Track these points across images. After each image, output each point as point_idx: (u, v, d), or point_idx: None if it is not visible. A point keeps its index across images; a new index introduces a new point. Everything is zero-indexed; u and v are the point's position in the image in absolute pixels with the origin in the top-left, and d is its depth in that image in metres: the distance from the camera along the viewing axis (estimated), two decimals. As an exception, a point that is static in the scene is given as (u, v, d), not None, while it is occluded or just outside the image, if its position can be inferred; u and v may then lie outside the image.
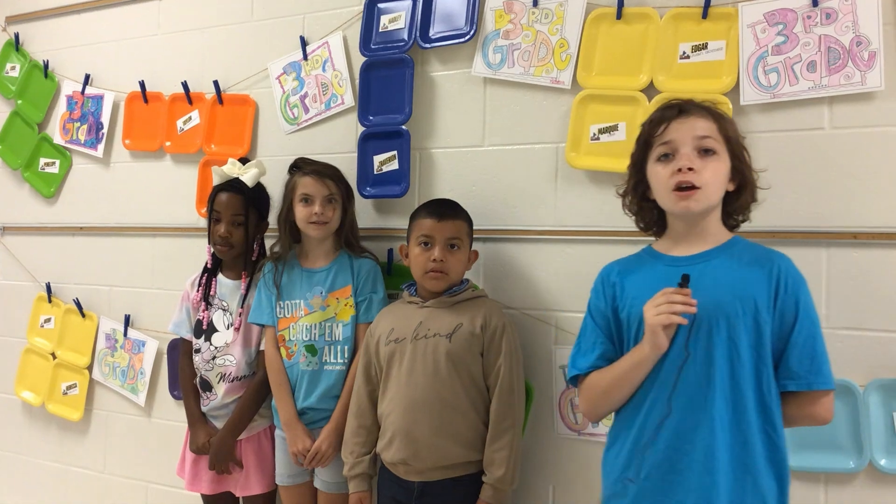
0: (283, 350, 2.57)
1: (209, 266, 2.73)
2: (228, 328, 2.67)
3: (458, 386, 2.23)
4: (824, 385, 1.68)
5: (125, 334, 3.27)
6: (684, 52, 2.26)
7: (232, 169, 2.67)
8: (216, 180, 2.68)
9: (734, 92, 2.20)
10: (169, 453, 3.04)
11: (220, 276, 2.73)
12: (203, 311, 2.70)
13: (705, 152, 1.74)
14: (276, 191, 2.67)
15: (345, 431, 2.42)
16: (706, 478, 1.67)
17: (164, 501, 3.21)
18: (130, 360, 3.26)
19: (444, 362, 2.23)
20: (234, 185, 2.66)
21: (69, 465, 3.47)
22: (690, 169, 1.72)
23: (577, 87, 2.40)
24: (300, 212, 2.52)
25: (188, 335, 2.76)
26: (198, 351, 2.70)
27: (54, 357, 3.44)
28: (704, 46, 2.23)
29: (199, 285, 2.74)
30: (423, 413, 2.23)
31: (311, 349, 2.52)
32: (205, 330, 2.69)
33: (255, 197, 2.69)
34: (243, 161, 2.71)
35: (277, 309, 2.58)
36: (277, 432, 2.62)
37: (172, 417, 3.16)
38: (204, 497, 2.76)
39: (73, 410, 3.39)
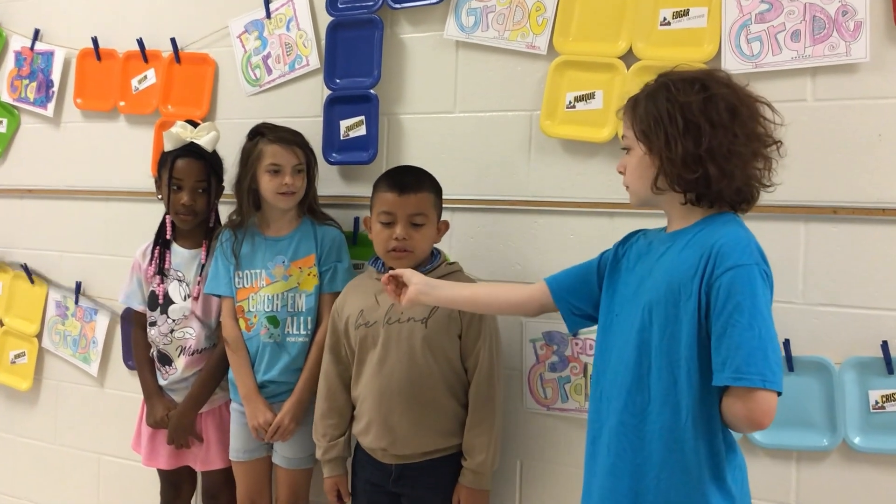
0: (241, 322, 2.49)
1: (168, 236, 2.62)
2: (186, 299, 2.58)
3: (436, 373, 2.17)
4: (744, 381, 1.46)
5: (76, 302, 3.16)
6: (665, 19, 2.18)
7: (185, 132, 2.54)
8: (169, 145, 2.54)
9: (715, 60, 2.13)
10: (122, 425, 2.95)
11: (175, 246, 2.63)
12: (158, 285, 2.60)
13: None
14: (236, 155, 2.54)
15: (315, 414, 2.34)
16: (606, 479, 1.67)
17: (117, 474, 3.12)
18: (82, 329, 3.15)
19: (419, 349, 2.15)
20: (192, 150, 2.54)
21: (18, 435, 3.36)
22: None
23: (554, 53, 2.32)
24: (268, 182, 2.42)
25: (141, 307, 2.66)
26: (153, 324, 2.60)
27: (1, 324, 3.32)
28: (686, 13, 2.16)
29: (153, 257, 2.63)
30: (399, 403, 2.16)
31: (273, 320, 2.44)
32: (161, 303, 2.59)
33: (214, 162, 2.59)
34: (193, 124, 2.59)
35: (236, 279, 2.49)
36: (234, 406, 2.54)
37: (126, 388, 3.05)
38: (161, 472, 2.68)
39: (22, 380, 3.28)
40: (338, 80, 2.64)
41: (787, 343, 2.06)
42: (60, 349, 3.21)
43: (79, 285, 3.15)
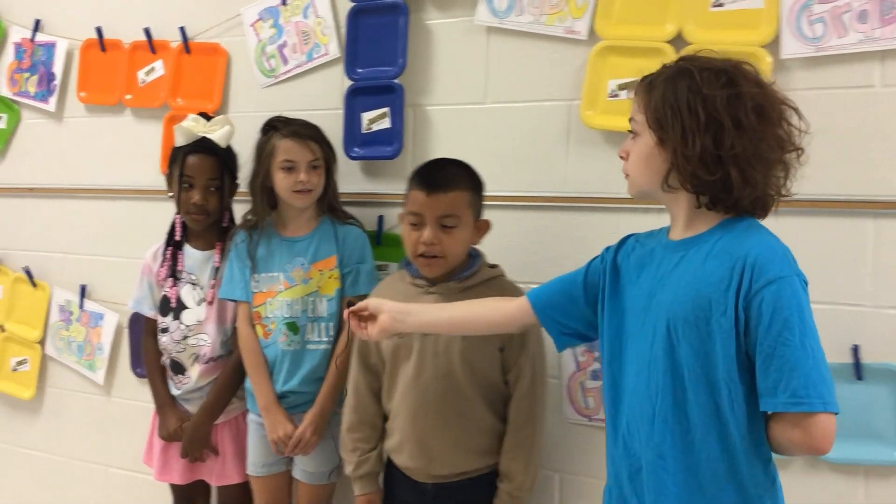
0: (258, 328, 2.34)
1: (178, 237, 2.47)
2: (200, 304, 2.43)
3: (475, 389, 2.01)
4: (804, 406, 1.33)
5: (81, 306, 3.01)
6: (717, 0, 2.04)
7: (197, 127, 2.40)
8: (180, 140, 2.40)
9: (773, 44, 1.99)
10: (131, 435, 2.82)
11: (187, 247, 2.48)
12: (170, 287, 2.45)
13: None
14: (250, 151, 2.39)
15: (342, 426, 2.18)
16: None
17: (126, 487, 2.98)
18: (87, 335, 3.00)
19: (458, 364, 1.99)
20: (204, 145, 2.39)
21: (20, 446, 3.22)
22: None
23: (595, 38, 2.17)
24: (282, 180, 2.28)
25: (151, 312, 2.51)
26: (165, 330, 2.45)
27: (2, 330, 3.17)
28: (741, -7, 2.02)
29: (164, 258, 2.48)
30: (435, 422, 2.01)
31: (293, 327, 2.29)
32: (173, 308, 2.44)
33: (227, 158, 2.45)
34: (206, 117, 2.45)
35: (252, 283, 2.35)
36: (251, 417, 2.40)
37: (134, 397, 2.91)
38: (174, 487, 2.54)
39: (24, 388, 3.14)
40: (359, 70, 2.49)
41: (855, 349, 1.92)
42: (64, 356, 3.07)
43: (83, 289, 3.01)
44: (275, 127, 2.32)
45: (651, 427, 1.49)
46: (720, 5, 2.03)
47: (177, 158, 2.41)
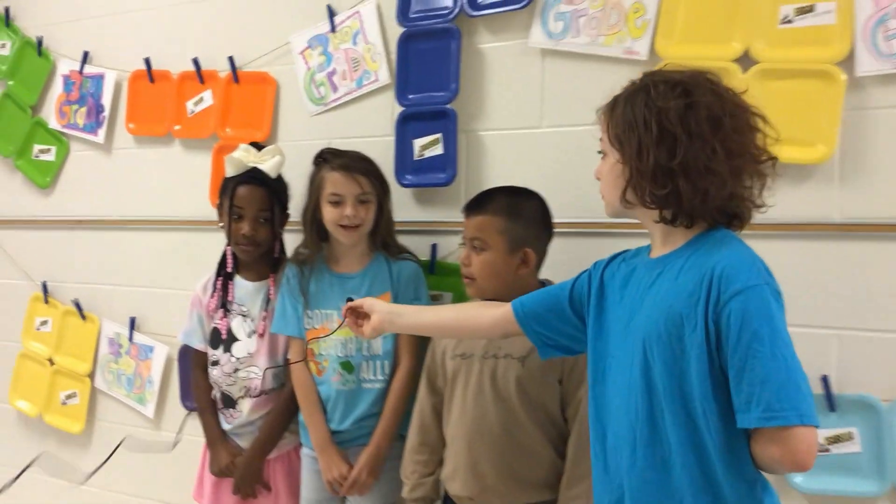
0: (312, 365, 2.28)
1: (230, 269, 2.43)
2: (250, 336, 2.38)
3: (530, 419, 1.94)
4: (778, 420, 1.26)
5: (130, 338, 2.99)
6: (786, 16, 1.96)
7: (248, 157, 2.35)
8: (230, 171, 2.36)
9: (847, 61, 1.90)
10: (181, 470, 2.76)
11: (238, 278, 2.43)
12: (221, 319, 2.40)
13: None
14: (300, 180, 2.36)
15: (405, 448, 2.14)
16: None
17: (175, 523, 2.93)
18: (137, 367, 2.97)
19: (513, 390, 1.93)
20: (254, 176, 2.35)
21: (70, 481, 3.17)
22: None
23: (656, 58, 2.09)
24: (329, 213, 2.22)
25: (202, 345, 2.47)
26: (216, 363, 2.40)
27: (52, 363, 3.16)
28: (811, 9, 1.93)
29: (214, 289, 2.43)
30: (488, 448, 1.95)
31: (348, 366, 2.24)
32: (223, 340, 2.39)
33: (278, 189, 2.40)
34: (258, 147, 2.40)
35: (305, 319, 2.29)
36: (305, 451, 2.34)
37: (184, 430, 2.87)
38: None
39: (74, 422, 3.11)
40: (410, 96, 2.44)
41: (825, 379, 1.93)
42: (114, 389, 3.04)
43: (133, 321, 2.98)
44: (325, 159, 2.27)
45: (633, 452, 1.44)
46: (789, 22, 1.95)
47: (227, 189, 2.36)
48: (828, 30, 1.92)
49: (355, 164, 2.24)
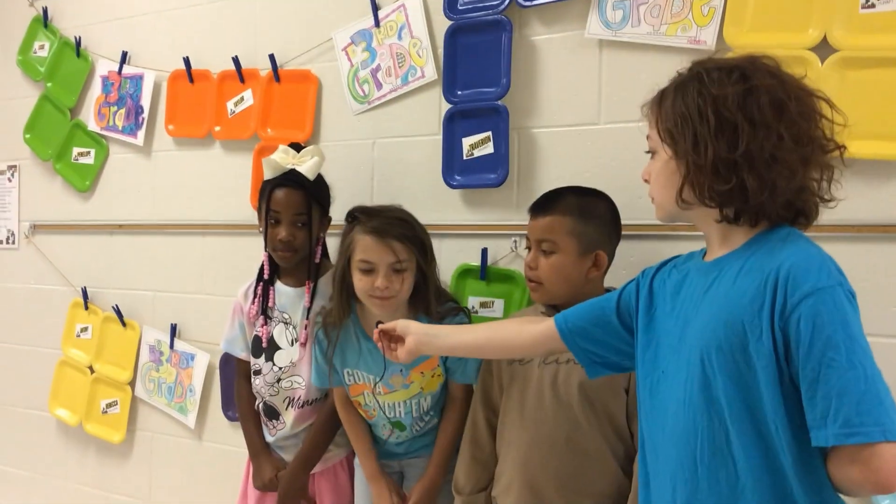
0: (360, 410, 2.18)
1: (266, 275, 2.33)
2: (293, 344, 2.28)
3: (594, 427, 1.81)
4: (859, 437, 1.14)
5: (171, 346, 2.92)
6: (868, 0, 1.81)
7: (286, 158, 2.25)
8: (268, 173, 2.25)
9: (937, 48, 1.75)
10: (223, 482, 2.70)
11: (279, 284, 2.33)
12: (262, 326, 2.31)
13: None
14: (344, 182, 2.29)
15: (458, 459, 2.04)
16: None
17: (218, 536, 2.85)
18: (178, 376, 2.90)
19: (576, 396, 1.81)
20: (291, 178, 2.23)
21: (110, 491, 3.13)
22: None
23: (725, 47, 1.95)
24: (359, 281, 2.00)
25: (244, 354, 2.38)
26: (258, 373, 2.31)
27: (92, 371, 3.10)
28: (896, -8, 1.79)
29: (255, 295, 2.34)
30: (547, 459, 1.83)
31: (399, 426, 2.15)
32: (265, 348, 2.30)
33: (316, 191, 2.28)
34: (296, 147, 2.30)
35: (346, 375, 2.15)
36: (358, 462, 2.24)
37: (226, 441, 2.79)
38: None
39: (114, 431, 3.05)
40: (459, 92, 2.33)
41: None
42: (155, 398, 2.97)
43: (174, 328, 2.91)
44: (356, 218, 2.05)
45: (694, 479, 1.32)
46: (871, 6, 1.80)
47: (264, 193, 2.26)
48: (915, 14, 1.77)
49: (391, 227, 1.99)
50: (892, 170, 1.81)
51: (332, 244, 2.30)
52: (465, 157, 2.31)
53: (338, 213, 2.33)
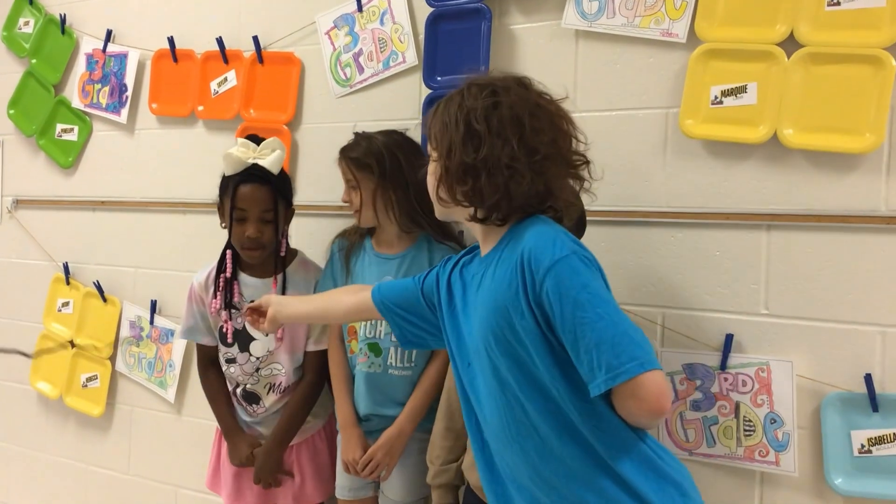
0: (353, 343, 2.24)
1: (228, 273, 2.30)
2: (267, 335, 2.27)
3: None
4: (623, 376, 1.29)
5: (151, 322, 2.95)
6: (834, -3, 1.87)
7: (247, 153, 2.21)
8: (230, 168, 2.21)
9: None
10: (201, 455, 2.70)
11: (244, 276, 2.31)
12: (225, 321, 2.29)
13: None
14: (324, 164, 2.32)
15: (432, 433, 2.10)
16: None
17: (195, 508, 2.89)
18: (158, 351, 2.93)
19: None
20: (256, 173, 2.20)
21: (89, 464, 3.17)
22: None
23: (695, 41, 2.01)
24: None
25: (206, 339, 2.38)
26: (232, 361, 2.32)
27: (73, 345, 3.12)
28: (861, -11, 1.84)
29: (217, 289, 2.31)
30: None
31: (375, 348, 2.18)
32: (238, 339, 2.30)
33: (281, 185, 2.26)
34: (255, 140, 2.25)
35: None
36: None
37: (205, 415, 2.77)
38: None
39: (94, 405, 3.08)
40: (439, 78, 2.37)
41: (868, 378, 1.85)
42: (135, 373, 3.00)
43: (154, 304, 2.94)
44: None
45: (512, 453, 1.47)
46: (836, 4, 1.85)
47: (227, 189, 2.23)
48: (878, 12, 1.81)
49: (346, 150, 2.21)
50: (852, 162, 1.87)
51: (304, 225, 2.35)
52: (443, 142, 2.35)
53: (319, 195, 2.37)
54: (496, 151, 1.43)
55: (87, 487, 3.17)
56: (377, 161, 2.15)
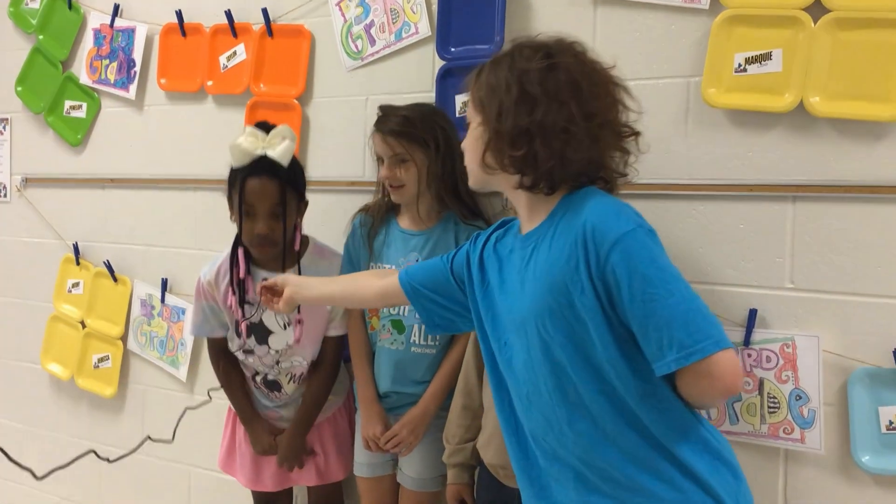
0: (374, 320, 2.21)
1: (242, 274, 2.20)
2: (286, 328, 2.22)
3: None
4: (697, 355, 1.25)
5: (163, 300, 2.92)
6: (863, -42, 1.80)
7: (255, 143, 2.09)
8: (237, 160, 2.11)
9: (929, 9, 1.74)
10: (215, 435, 2.69)
11: (256, 271, 2.23)
12: (242, 319, 2.22)
13: None
14: (336, 139, 2.26)
15: (450, 412, 2.08)
16: None
17: (209, 489, 2.88)
18: (169, 330, 2.91)
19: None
20: (264, 166, 2.08)
21: (102, 444, 3.15)
22: None
23: (718, 6, 1.95)
24: (379, 173, 2.18)
25: (218, 332, 2.31)
26: (250, 352, 2.27)
27: (84, 326, 3.10)
28: (891, -51, 1.77)
29: (233, 287, 2.21)
30: None
31: (399, 325, 2.15)
32: (257, 333, 2.25)
33: (292, 177, 2.14)
34: (264, 128, 2.14)
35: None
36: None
37: (218, 394, 2.79)
38: (260, 494, 2.40)
39: (106, 385, 3.06)
40: (452, 49, 2.31)
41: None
42: (147, 352, 2.98)
43: (165, 282, 2.91)
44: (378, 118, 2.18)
45: (561, 434, 1.42)
46: (866, -35, 1.79)
47: (235, 182, 2.13)
48: (909, -26, 1.75)
49: (391, 125, 2.11)
50: (881, 130, 1.81)
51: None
52: (458, 115, 2.29)
53: (332, 171, 2.32)
54: (552, 115, 1.37)
55: (101, 469, 3.15)
56: (432, 136, 2.11)
